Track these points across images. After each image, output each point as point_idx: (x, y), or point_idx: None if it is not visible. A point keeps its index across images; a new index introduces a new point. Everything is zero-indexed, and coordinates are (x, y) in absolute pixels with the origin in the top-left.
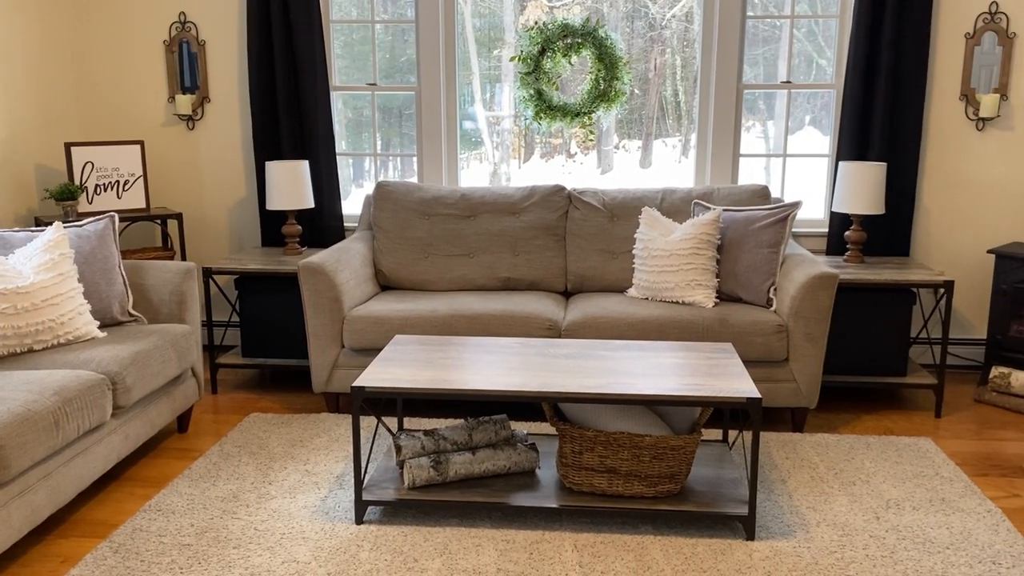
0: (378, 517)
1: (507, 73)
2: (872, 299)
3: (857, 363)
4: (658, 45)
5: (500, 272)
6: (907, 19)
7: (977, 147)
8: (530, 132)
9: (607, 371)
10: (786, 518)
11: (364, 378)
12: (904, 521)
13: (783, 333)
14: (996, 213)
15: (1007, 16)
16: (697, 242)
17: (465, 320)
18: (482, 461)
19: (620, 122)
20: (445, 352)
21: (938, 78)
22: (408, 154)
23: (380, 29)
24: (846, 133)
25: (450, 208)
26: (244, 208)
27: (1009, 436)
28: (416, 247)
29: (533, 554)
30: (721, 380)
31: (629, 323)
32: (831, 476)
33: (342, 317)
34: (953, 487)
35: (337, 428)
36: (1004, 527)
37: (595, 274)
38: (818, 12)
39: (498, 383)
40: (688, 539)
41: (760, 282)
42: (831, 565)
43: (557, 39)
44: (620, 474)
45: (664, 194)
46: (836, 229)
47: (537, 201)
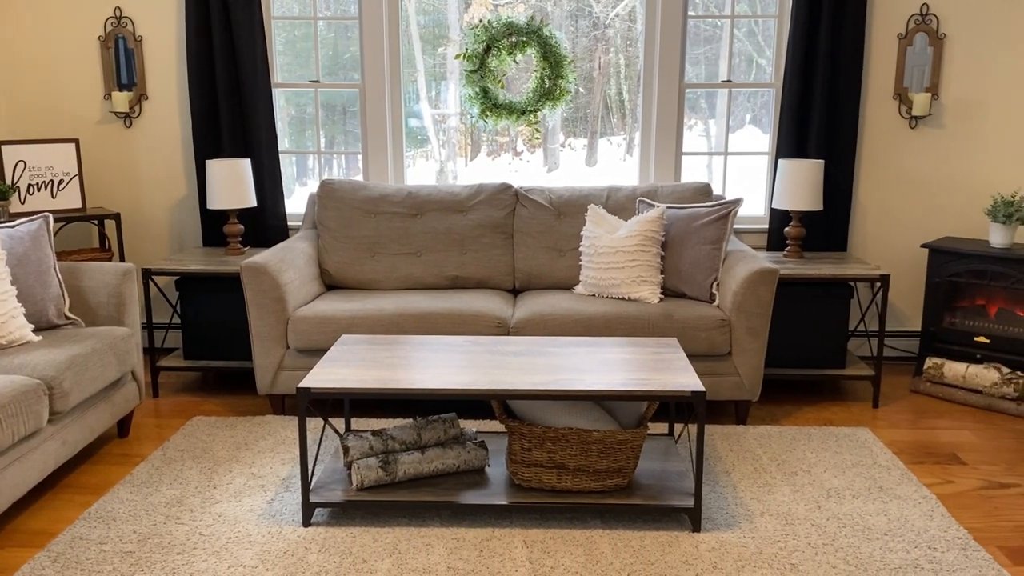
0: (326, 519)
1: (452, 71)
2: (811, 293)
3: (797, 356)
4: (602, 44)
5: (448, 270)
6: (842, 20)
7: (910, 145)
8: (476, 130)
9: (555, 368)
10: (731, 509)
11: (310, 379)
12: (844, 509)
13: (726, 328)
14: (929, 209)
15: (937, 17)
16: (642, 239)
17: (413, 319)
18: (431, 460)
19: (566, 120)
20: (393, 351)
21: (872, 78)
22: (353, 152)
23: (323, 26)
24: (785, 131)
25: (396, 206)
26: (184, 207)
27: (943, 425)
28: (362, 246)
29: (483, 551)
30: (666, 374)
31: (577, 320)
32: (774, 467)
33: (287, 317)
34: (890, 475)
35: (283, 430)
36: (939, 513)
37: (543, 272)
38: (757, 12)
39: (447, 382)
40: (636, 532)
41: (703, 278)
42: (775, 554)
43: (502, 37)
44: (569, 469)
45: (610, 192)
46: (776, 225)
47: (484, 199)
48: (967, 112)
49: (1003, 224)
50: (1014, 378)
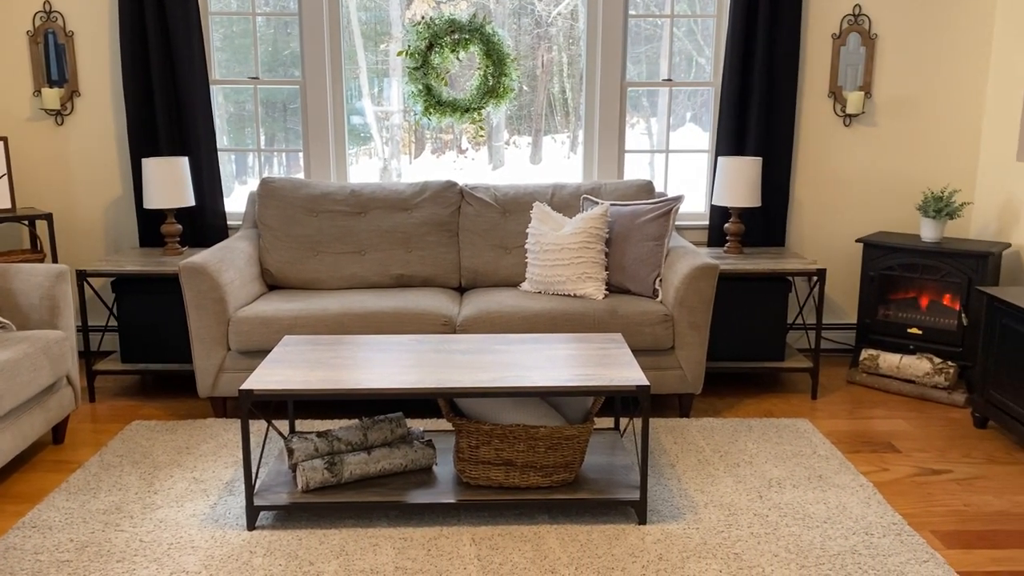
0: (271, 522)
1: (395, 68)
2: (751, 288)
3: (738, 349)
4: (545, 42)
5: (393, 269)
6: (778, 20)
7: (844, 142)
8: (420, 127)
9: (502, 365)
10: (676, 501)
11: (252, 381)
12: (785, 499)
13: (669, 323)
14: (863, 204)
15: (869, 18)
16: (587, 236)
17: (358, 318)
18: (378, 460)
19: (510, 118)
20: (337, 351)
21: (808, 77)
22: (294, 149)
23: (262, 22)
24: (724, 129)
25: (339, 204)
26: (120, 207)
27: (878, 414)
28: (304, 245)
29: (431, 550)
30: (612, 369)
31: (523, 317)
32: (717, 458)
33: (227, 318)
34: (829, 464)
35: (225, 433)
36: (875, 500)
37: (489, 269)
38: (696, 12)
39: (393, 381)
40: (583, 526)
41: (646, 274)
42: (719, 544)
43: (444, 34)
44: (516, 466)
45: (554, 189)
46: (716, 222)
47: (429, 197)
48: (898, 110)
49: (933, 219)
50: (945, 368)
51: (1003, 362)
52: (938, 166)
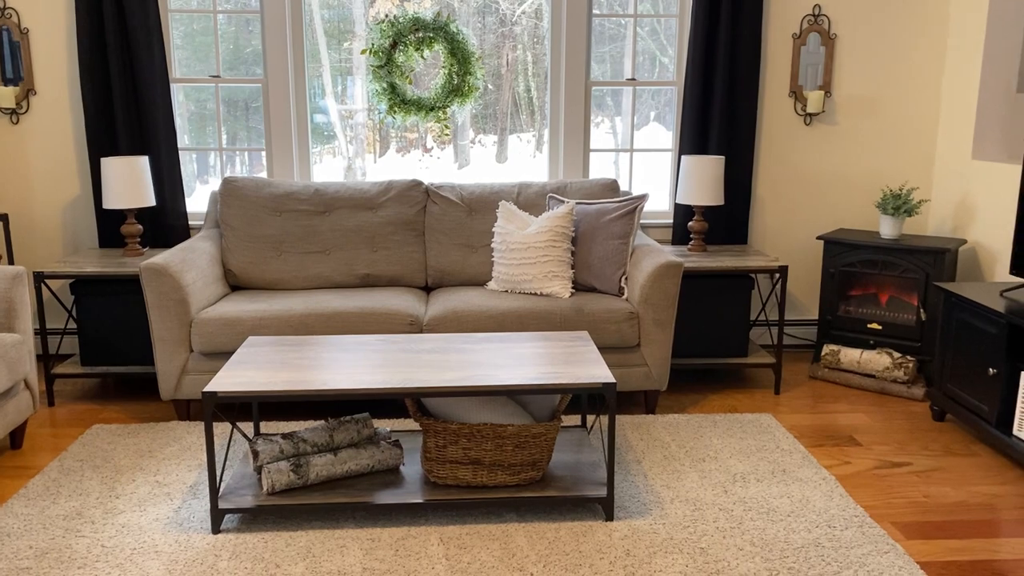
0: (236, 525)
1: (359, 66)
2: (714, 285)
3: (703, 346)
4: (509, 41)
5: (358, 269)
6: (740, 20)
7: (805, 141)
8: (384, 126)
9: (469, 364)
10: (642, 497)
11: (216, 383)
12: (750, 493)
13: (634, 320)
14: (823, 202)
15: (829, 18)
16: (553, 235)
17: (323, 319)
18: (344, 461)
19: (475, 117)
20: (302, 352)
21: (769, 76)
22: (256, 148)
23: (223, 19)
24: (687, 128)
25: (303, 204)
26: (78, 207)
27: (840, 408)
28: (268, 245)
29: (399, 551)
30: (578, 367)
31: (490, 316)
32: (682, 454)
33: (190, 320)
34: (792, 458)
35: (189, 436)
36: (838, 493)
37: (455, 268)
38: (659, 12)
39: (359, 381)
40: (551, 524)
41: (612, 272)
42: (685, 539)
43: (408, 33)
44: (484, 465)
45: (520, 188)
46: (680, 220)
47: (394, 196)
48: (857, 109)
49: (892, 216)
50: (904, 362)
51: (960, 356)
52: (896, 164)
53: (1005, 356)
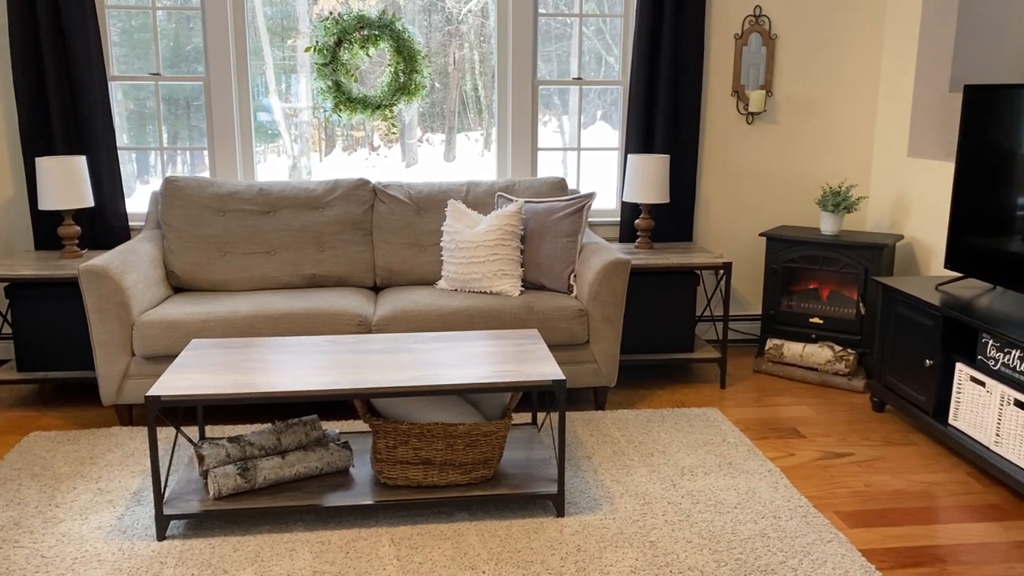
0: (182, 531)
1: (303, 64)
2: (661, 282)
3: (650, 342)
4: (456, 39)
5: (304, 269)
6: (683, 21)
7: (747, 139)
8: (330, 124)
9: (419, 363)
10: (593, 492)
11: (159, 387)
12: (697, 486)
13: (583, 317)
14: (765, 199)
15: (769, 19)
16: (502, 233)
17: (269, 320)
18: (293, 464)
19: (422, 115)
20: (248, 354)
21: (712, 76)
22: (198, 148)
23: (162, 16)
24: (633, 127)
25: (247, 203)
26: (12, 208)
27: (784, 401)
28: (211, 245)
29: (349, 553)
30: (528, 365)
31: (439, 315)
32: (631, 449)
33: (131, 323)
34: (738, 451)
35: (132, 442)
36: (783, 484)
37: (404, 268)
38: (604, 12)
39: (307, 383)
40: (502, 521)
41: (561, 270)
42: (634, 533)
43: (353, 30)
44: (435, 464)
45: (469, 187)
46: (627, 218)
47: (341, 195)
48: (798, 108)
49: (832, 213)
50: (845, 355)
51: (898, 349)
52: (835, 162)
53: (940, 348)
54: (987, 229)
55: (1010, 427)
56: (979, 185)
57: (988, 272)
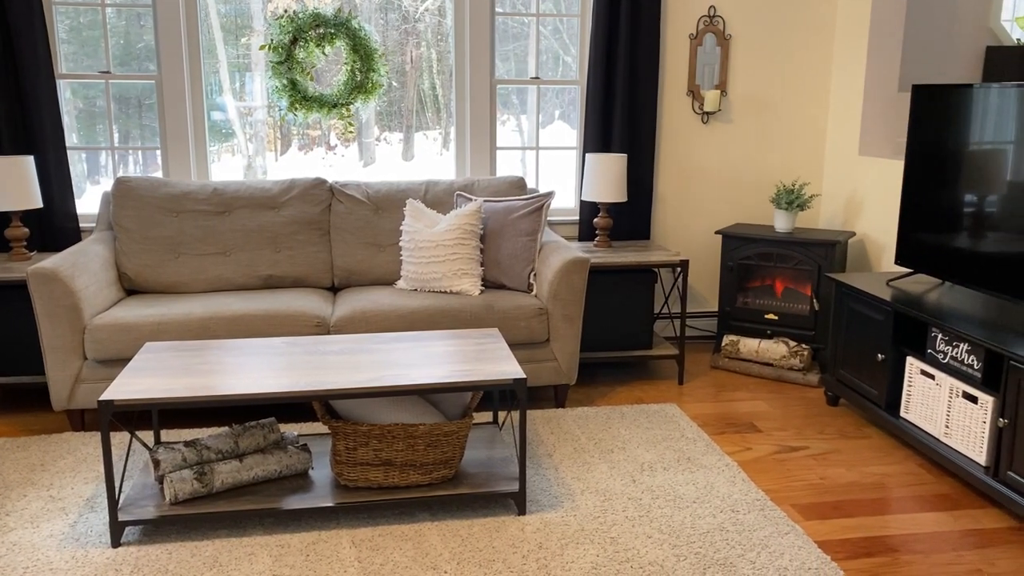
0: (138, 537)
1: (258, 62)
2: (620, 280)
3: (609, 339)
4: (413, 38)
5: (261, 270)
6: (639, 21)
7: (703, 139)
8: (286, 123)
9: (379, 364)
10: (554, 490)
11: (112, 391)
12: (657, 481)
13: (543, 316)
14: (721, 198)
15: (723, 19)
16: (461, 232)
17: (225, 322)
18: (251, 468)
19: (380, 114)
20: (203, 357)
21: (668, 75)
22: (151, 147)
23: (112, 13)
24: (591, 126)
25: (201, 204)
26: None
27: (740, 396)
28: (165, 247)
29: (310, 556)
30: (489, 364)
31: (399, 315)
32: (592, 446)
33: (83, 326)
34: (696, 446)
35: (84, 447)
36: (740, 478)
37: (362, 268)
38: (562, 11)
39: (264, 385)
40: (464, 521)
41: (521, 269)
42: (595, 529)
43: (309, 29)
44: (396, 465)
45: (427, 186)
46: (586, 216)
47: (297, 195)
48: (752, 108)
49: (785, 210)
50: (799, 350)
51: (851, 343)
52: (789, 161)
53: (892, 342)
54: (935, 225)
55: (959, 419)
56: (927, 183)
57: (937, 267)
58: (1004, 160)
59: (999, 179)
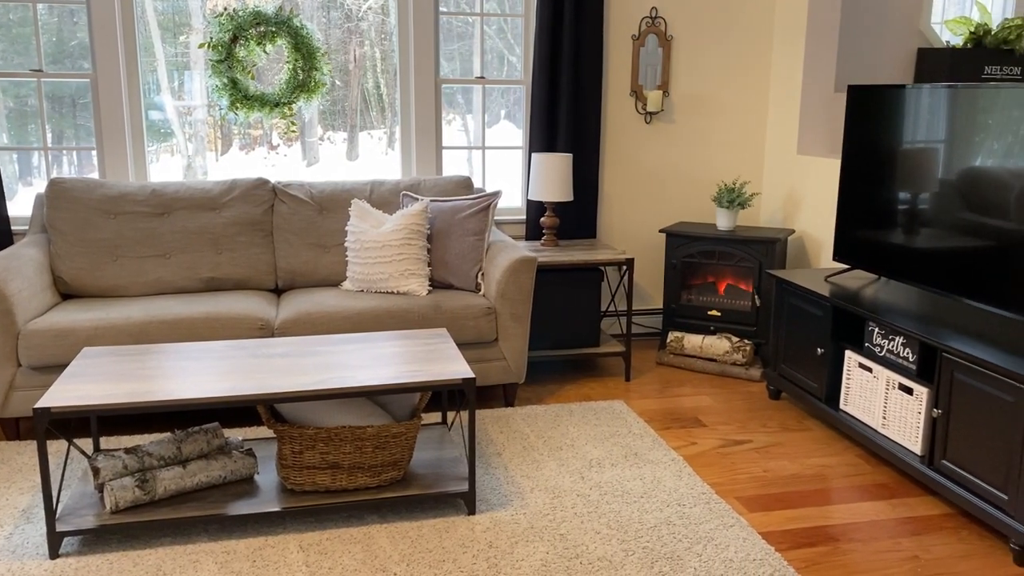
0: (77, 548)
1: (197, 60)
2: (567, 279)
3: (557, 338)
4: (356, 36)
5: (202, 272)
6: (582, 21)
7: (646, 139)
8: (226, 123)
9: (325, 366)
10: (503, 489)
11: (48, 398)
12: (605, 477)
13: (492, 315)
14: (665, 196)
15: (665, 20)
16: (408, 232)
17: (165, 326)
18: (194, 474)
19: (323, 113)
20: (144, 362)
21: (612, 76)
22: (86, 147)
23: (43, 9)
24: (536, 126)
25: (140, 205)
26: None
27: (685, 392)
28: (102, 250)
29: (256, 561)
30: (437, 364)
31: (345, 316)
32: (541, 444)
33: (16, 332)
34: (643, 442)
35: (19, 457)
36: (686, 472)
37: (307, 269)
38: (506, 11)
39: (207, 390)
40: (413, 522)
41: (468, 268)
42: (545, 527)
43: (249, 27)
44: (343, 468)
45: (373, 186)
46: (533, 216)
47: (239, 195)
48: (693, 107)
49: (727, 209)
50: (742, 346)
51: (791, 338)
52: (730, 160)
53: (831, 336)
54: (871, 222)
55: (895, 410)
56: (863, 181)
57: (873, 263)
58: (936, 158)
59: (931, 177)
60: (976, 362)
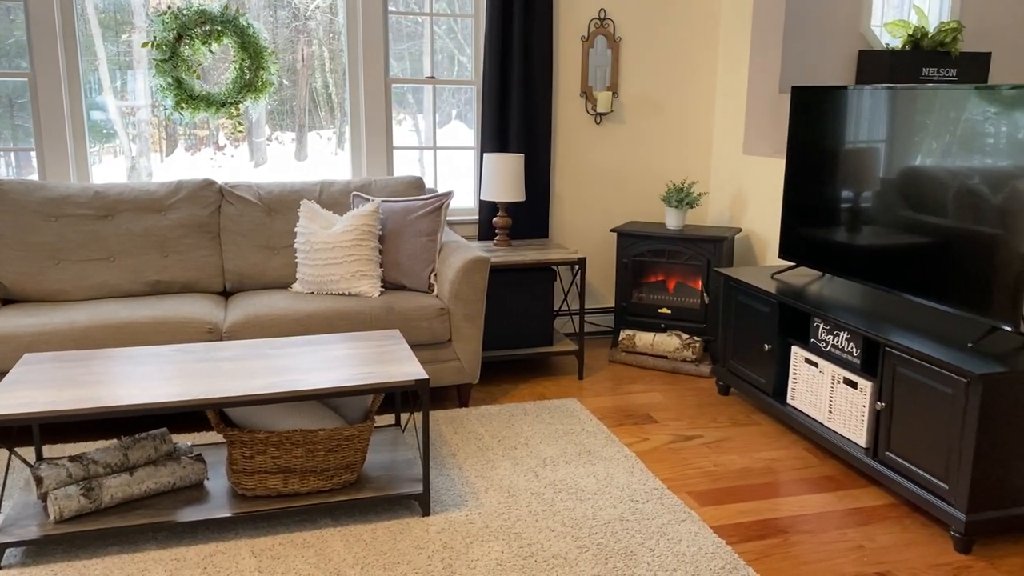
0: (20, 559)
1: (140, 60)
2: (520, 278)
3: (511, 337)
4: (304, 36)
5: (147, 275)
6: (532, 22)
7: (596, 139)
8: (171, 123)
9: (275, 369)
10: (458, 489)
11: None
12: (559, 475)
13: (445, 316)
14: (615, 196)
15: (614, 22)
16: (359, 233)
17: (110, 330)
18: (142, 481)
19: (271, 113)
20: (88, 367)
21: (562, 77)
22: (25, 148)
23: None
24: (487, 126)
25: (82, 208)
26: None
27: (637, 389)
28: (43, 253)
29: (207, 568)
30: (390, 366)
31: (295, 319)
32: (495, 443)
33: None
34: (596, 439)
35: None
36: (639, 468)
37: (256, 271)
38: (455, 11)
39: (154, 395)
40: (368, 525)
41: (421, 269)
42: (500, 526)
43: (194, 25)
44: (295, 472)
45: (322, 187)
46: (485, 216)
47: (185, 197)
48: (642, 108)
49: (676, 208)
50: (692, 343)
51: (739, 335)
52: (678, 160)
53: (777, 332)
54: (815, 221)
55: (841, 404)
56: (807, 180)
57: (817, 260)
58: (877, 158)
59: (872, 176)
60: (917, 356)
